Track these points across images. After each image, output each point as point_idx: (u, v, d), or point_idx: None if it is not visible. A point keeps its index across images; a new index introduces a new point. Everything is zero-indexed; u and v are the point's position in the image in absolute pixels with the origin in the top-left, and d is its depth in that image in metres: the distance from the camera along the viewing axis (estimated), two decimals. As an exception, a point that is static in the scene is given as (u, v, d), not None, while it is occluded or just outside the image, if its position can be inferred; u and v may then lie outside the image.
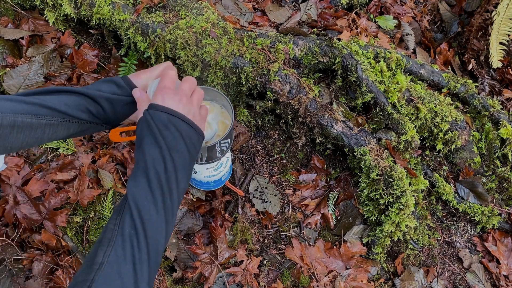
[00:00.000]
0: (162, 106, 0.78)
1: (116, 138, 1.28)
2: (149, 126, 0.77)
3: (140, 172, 0.73)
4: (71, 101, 0.83)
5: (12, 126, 0.73)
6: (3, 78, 1.45)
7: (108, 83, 0.90)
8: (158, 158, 0.74)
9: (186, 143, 0.78)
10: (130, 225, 0.66)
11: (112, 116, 0.91)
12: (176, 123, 0.78)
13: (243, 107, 1.57)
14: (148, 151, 0.75)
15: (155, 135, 0.75)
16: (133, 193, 0.70)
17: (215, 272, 1.38)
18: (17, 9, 1.57)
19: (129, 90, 0.91)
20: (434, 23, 2.02)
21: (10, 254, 1.30)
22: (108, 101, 0.88)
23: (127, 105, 0.92)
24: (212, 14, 1.44)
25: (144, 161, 0.74)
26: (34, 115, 0.77)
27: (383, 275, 1.50)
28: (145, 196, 0.70)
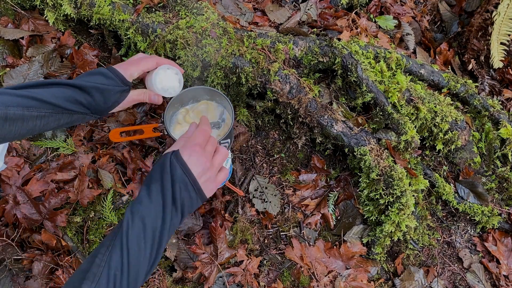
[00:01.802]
0: (186, 166, 0.80)
1: (116, 138, 1.28)
2: (164, 175, 0.78)
3: (139, 215, 0.74)
4: (61, 93, 0.85)
5: (4, 118, 0.76)
6: (3, 78, 1.45)
7: (95, 75, 0.92)
8: (159, 212, 0.75)
9: (187, 211, 0.81)
10: (116, 266, 0.68)
11: (103, 105, 0.93)
12: (189, 189, 0.80)
13: (243, 107, 1.57)
14: (154, 199, 0.76)
15: (165, 188, 0.77)
16: (127, 233, 0.71)
17: (215, 272, 1.38)
18: (17, 9, 1.57)
19: (118, 81, 0.94)
20: (434, 23, 2.02)
21: (10, 254, 1.30)
22: (98, 91, 0.90)
23: (116, 94, 0.95)
24: (212, 14, 1.44)
25: (147, 207, 0.75)
26: (25, 107, 0.79)
27: (383, 275, 1.50)
28: (137, 242, 0.71)
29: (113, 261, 0.68)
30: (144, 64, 1.01)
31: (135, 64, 0.99)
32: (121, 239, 0.70)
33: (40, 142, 1.47)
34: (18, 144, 1.45)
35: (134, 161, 1.46)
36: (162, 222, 0.75)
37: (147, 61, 1.02)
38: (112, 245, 0.70)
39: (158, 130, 1.38)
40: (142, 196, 0.76)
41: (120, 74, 0.95)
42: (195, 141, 0.85)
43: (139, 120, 1.55)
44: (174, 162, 0.79)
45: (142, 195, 0.77)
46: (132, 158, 1.47)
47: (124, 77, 0.95)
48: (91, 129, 1.52)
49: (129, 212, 0.74)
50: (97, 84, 0.90)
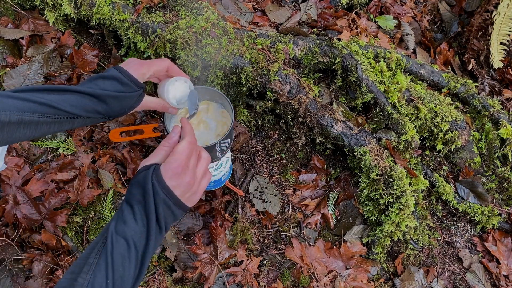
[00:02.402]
0: (168, 190, 0.78)
1: (116, 138, 1.28)
2: (147, 197, 0.77)
3: (124, 235, 0.73)
4: (78, 102, 0.85)
5: (19, 123, 0.76)
6: (3, 78, 1.45)
7: (110, 81, 0.90)
8: (144, 233, 0.75)
9: (170, 225, 0.81)
10: (101, 285, 0.67)
11: (118, 111, 0.93)
12: (172, 209, 0.79)
13: (243, 107, 1.57)
14: (138, 220, 0.75)
15: (148, 210, 0.76)
16: (112, 253, 0.70)
17: (215, 272, 1.38)
18: (17, 9, 1.57)
19: (134, 86, 0.93)
20: (434, 23, 2.02)
21: (10, 254, 1.30)
22: (115, 99, 0.90)
23: (133, 100, 0.95)
24: (212, 14, 1.44)
25: (132, 228, 0.74)
26: (41, 114, 0.79)
27: (383, 275, 1.50)
28: (121, 263, 0.71)
29: (97, 281, 0.67)
30: (156, 65, 0.99)
31: (147, 65, 0.97)
32: (106, 259, 0.69)
33: (40, 142, 1.47)
34: (18, 144, 1.45)
35: (134, 161, 1.46)
36: (146, 241, 0.75)
37: (159, 64, 1.00)
38: (96, 264, 0.69)
39: (158, 130, 1.38)
40: (126, 216, 0.75)
41: (134, 78, 0.93)
42: (178, 161, 0.81)
43: (139, 120, 1.55)
44: (156, 185, 0.77)
45: (126, 215, 0.75)
46: (132, 158, 1.47)
47: (137, 80, 0.94)
48: (91, 129, 1.52)
49: (114, 232, 0.73)
50: (114, 93, 0.89)
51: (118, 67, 0.93)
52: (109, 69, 0.93)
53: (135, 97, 0.95)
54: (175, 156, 0.81)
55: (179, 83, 1.06)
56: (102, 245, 0.72)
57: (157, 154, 0.85)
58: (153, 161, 0.83)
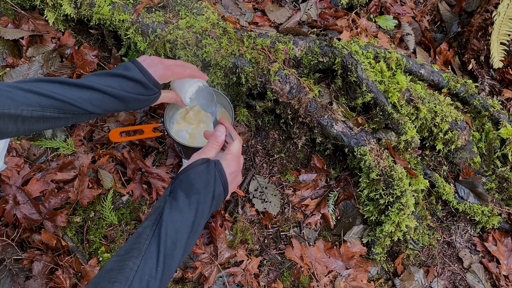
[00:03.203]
0: (227, 184, 0.85)
1: (116, 138, 1.28)
2: (208, 188, 0.81)
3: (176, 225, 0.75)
4: (99, 102, 0.86)
5: (40, 118, 0.78)
6: (3, 78, 1.45)
7: (133, 83, 0.92)
8: (193, 222, 0.77)
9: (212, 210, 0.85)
10: (150, 272, 0.68)
11: (135, 108, 0.97)
12: (221, 201, 0.86)
13: (243, 107, 1.57)
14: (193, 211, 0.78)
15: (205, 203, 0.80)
16: (165, 242, 0.72)
17: (215, 272, 1.38)
18: (17, 9, 1.57)
19: (154, 89, 0.96)
20: (434, 23, 2.02)
21: (10, 254, 1.30)
22: (136, 101, 0.93)
23: (151, 99, 0.98)
24: (212, 14, 1.44)
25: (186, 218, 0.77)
26: (62, 110, 0.81)
27: (383, 275, 1.50)
28: (171, 252, 0.73)
29: (147, 267, 0.68)
30: (179, 72, 1.03)
31: (171, 70, 0.99)
32: (157, 246, 0.71)
33: (40, 142, 1.47)
34: (18, 144, 1.45)
35: (134, 161, 1.46)
36: (196, 231, 0.78)
37: (183, 71, 1.04)
38: (146, 250, 0.70)
39: (158, 130, 1.38)
40: (181, 205, 0.77)
41: (156, 82, 0.95)
42: (235, 160, 0.89)
43: (139, 120, 1.55)
44: (218, 178, 0.83)
45: (181, 203, 0.77)
46: (132, 158, 1.47)
47: (158, 83, 0.96)
48: (91, 129, 1.52)
49: (169, 221, 0.74)
50: (137, 96, 0.92)
51: (141, 67, 0.94)
52: (129, 66, 0.93)
53: (153, 98, 0.99)
54: (233, 155, 0.89)
55: (196, 85, 1.10)
56: (152, 231, 0.73)
57: (208, 151, 0.91)
58: (205, 156, 0.88)
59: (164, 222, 0.73)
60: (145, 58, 0.97)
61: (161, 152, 1.54)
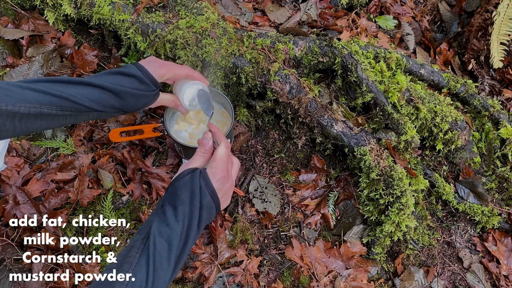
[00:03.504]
0: (215, 193, 0.83)
1: (116, 138, 1.28)
2: (193, 199, 0.80)
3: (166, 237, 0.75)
4: (96, 96, 0.86)
5: (38, 115, 0.78)
6: (3, 78, 1.45)
7: (129, 77, 0.92)
8: (184, 235, 0.77)
9: (202, 228, 0.84)
10: (140, 285, 0.69)
11: (133, 107, 0.95)
12: (213, 212, 0.83)
13: (243, 107, 1.57)
14: (180, 223, 0.77)
15: (193, 213, 0.79)
16: (154, 255, 0.72)
17: (215, 272, 1.38)
18: (17, 9, 1.57)
19: (152, 85, 0.95)
20: (434, 23, 2.02)
21: (10, 254, 1.30)
22: (132, 96, 0.92)
23: (149, 98, 0.97)
24: (212, 14, 1.44)
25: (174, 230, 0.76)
26: (59, 107, 0.81)
27: (383, 275, 1.50)
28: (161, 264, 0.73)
29: (138, 280, 0.69)
30: (176, 70, 1.02)
31: (167, 67, 1.00)
32: (147, 260, 0.71)
33: (40, 142, 1.47)
34: (18, 144, 1.45)
35: (134, 161, 1.46)
36: (185, 242, 0.77)
37: (179, 69, 1.03)
38: (136, 263, 0.71)
39: (158, 130, 1.38)
40: (169, 218, 0.77)
41: (153, 78, 0.95)
42: (222, 166, 0.86)
43: (139, 120, 1.55)
44: (203, 187, 0.81)
45: (168, 216, 0.77)
46: (132, 158, 1.47)
47: (155, 79, 0.96)
48: (91, 129, 1.52)
49: (157, 234, 0.74)
50: (132, 90, 0.91)
51: (138, 65, 0.95)
52: (128, 65, 0.95)
53: (151, 96, 0.98)
54: (218, 161, 0.87)
55: (196, 88, 1.09)
56: (142, 244, 0.73)
57: (196, 160, 0.89)
58: (193, 165, 0.87)
59: (152, 235, 0.74)
60: (143, 60, 0.99)
61: (161, 152, 1.54)
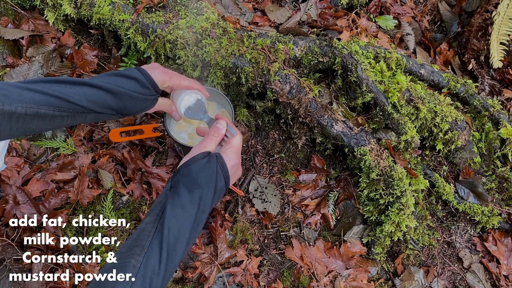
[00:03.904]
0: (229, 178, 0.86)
1: (116, 138, 1.28)
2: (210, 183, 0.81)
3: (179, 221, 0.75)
4: (94, 96, 0.85)
5: (35, 115, 0.77)
6: (3, 78, 1.45)
7: (130, 80, 0.91)
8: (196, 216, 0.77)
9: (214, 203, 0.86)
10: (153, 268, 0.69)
11: (131, 110, 0.94)
12: (222, 192, 0.85)
13: (243, 107, 1.57)
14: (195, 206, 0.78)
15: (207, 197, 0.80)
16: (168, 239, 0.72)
17: (215, 272, 1.38)
18: (17, 9, 1.57)
19: (152, 90, 0.95)
20: (434, 23, 2.02)
21: (10, 254, 1.30)
22: (131, 98, 0.91)
23: (147, 102, 0.96)
24: (212, 14, 1.44)
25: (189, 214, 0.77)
26: (56, 107, 0.80)
27: (383, 275, 1.50)
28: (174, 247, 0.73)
29: (150, 264, 0.68)
30: (177, 80, 1.02)
31: (169, 75, 0.99)
32: (160, 243, 0.71)
33: (40, 142, 1.47)
34: (18, 144, 1.45)
35: (134, 161, 1.46)
36: (197, 226, 0.78)
37: (182, 80, 1.03)
38: (149, 246, 0.70)
39: (158, 130, 1.38)
40: (184, 200, 0.77)
41: (154, 82, 0.95)
42: (237, 154, 0.89)
43: (139, 120, 1.55)
44: (220, 171, 0.83)
45: (184, 199, 0.77)
46: (132, 158, 1.47)
47: (156, 84, 0.96)
48: (91, 129, 1.52)
49: (171, 217, 0.74)
50: (132, 92, 0.90)
51: (141, 69, 0.94)
52: (130, 68, 0.94)
53: (150, 101, 0.97)
54: (234, 148, 0.89)
55: (194, 97, 1.10)
56: (153, 227, 0.73)
57: (208, 144, 0.90)
58: (205, 149, 0.88)
59: (166, 218, 0.73)
60: (146, 65, 0.99)
61: (161, 152, 1.54)
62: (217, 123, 0.95)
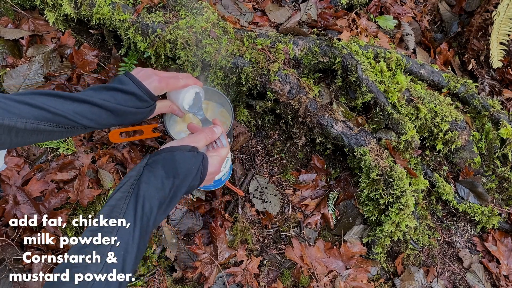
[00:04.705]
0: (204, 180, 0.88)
1: (116, 139, 1.28)
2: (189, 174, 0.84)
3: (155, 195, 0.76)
4: (94, 115, 0.86)
5: (34, 131, 0.77)
6: (3, 78, 1.45)
7: (129, 96, 0.91)
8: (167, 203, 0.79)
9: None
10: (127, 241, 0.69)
11: (131, 121, 0.96)
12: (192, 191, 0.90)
13: (243, 107, 1.57)
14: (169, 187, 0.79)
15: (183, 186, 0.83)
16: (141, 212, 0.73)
17: (215, 272, 1.37)
18: (17, 9, 1.57)
19: (151, 101, 0.95)
20: (434, 23, 2.02)
21: (10, 254, 1.30)
22: (131, 114, 0.92)
23: (145, 113, 0.97)
24: (212, 14, 1.44)
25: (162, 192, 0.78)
26: (56, 124, 0.80)
27: (383, 275, 1.50)
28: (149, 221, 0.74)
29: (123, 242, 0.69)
30: (174, 83, 1.01)
31: (166, 81, 0.98)
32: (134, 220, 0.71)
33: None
34: (18, 144, 1.45)
35: (134, 161, 1.46)
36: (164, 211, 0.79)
37: (178, 82, 1.02)
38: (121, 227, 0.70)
39: (158, 130, 1.38)
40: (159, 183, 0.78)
41: (151, 94, 0.94)
42: (220, 163, 0.92)
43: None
44: (199, 172, 0.85)
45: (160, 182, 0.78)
46: (132, 158, 1.47)
47: (154, 95, 0.95)
48: (91, 129, 1.52)
49: (146, 196, 0.75)
50: (131, 109, 0.91)
51: (136, 80, 0.93)
52: (125, 80, 0.92)
53: (149, 110, 0.97)
54: (219, 158, 0.93)
55: (193, 91, 1.09)
56: (125, 204, 0.73)
57: (200, 140, 0.92)
58: (195, 144, 0.90)
59: (140, 197, 0.74)
60: (139, 71, 0.97)
61: (161, 152, 1.54)
62: (215, 127, 0.97)
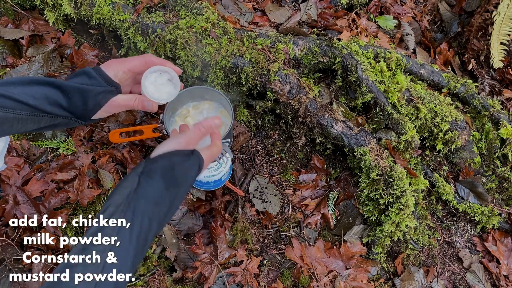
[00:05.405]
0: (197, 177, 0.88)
1: (116, 139, 1.28)
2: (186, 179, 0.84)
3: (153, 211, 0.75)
4: (40, 93, 0.78)
5: None
6: (3, 78, 1.45)
7: (79, 76, 0.85)
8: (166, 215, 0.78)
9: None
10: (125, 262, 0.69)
11: (83, 108, 0.84)
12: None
13: (243, 107, 1.57)
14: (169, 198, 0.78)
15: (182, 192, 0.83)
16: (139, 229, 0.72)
17: (215, 272, 1.38)
18: (17, 9, 1.57)
19: (101, 81, 0.86)
20: (434, 23, 2.02)
21: (10, 254, 1.30)
22: (77, 92, 0.82)
23: (98, 96, 0.86)
24: (212, 14, 1.44)
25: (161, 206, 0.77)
26: (1, 107, 0.73)
27: (383, 275, 1.50)
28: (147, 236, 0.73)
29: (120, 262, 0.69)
30: (130, 62, 0.90)
31: (120, 62, 0.89)
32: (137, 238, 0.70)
33: (40, 142, 1.47)
34: (18, 144, 1.45)
35: (134, 161, 1.46)
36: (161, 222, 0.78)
37: (133, 59, 0.91)
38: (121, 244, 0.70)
39: (158, 130, 1.38)
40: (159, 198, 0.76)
41: (103, 73, 0.86)
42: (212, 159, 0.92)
43: (139, 120, 1.55)
44: (195, 175, 0.85)
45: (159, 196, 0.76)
46: (132, 158, 1.47)
47: (108, 76, 0.86)
48: (91, 129, 1.52)
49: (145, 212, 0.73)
50: (77, 84, 0.82)
51: (95, 66, 0.88)
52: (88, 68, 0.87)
53: (100, 92, 0.85)
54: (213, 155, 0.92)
55: (164, 75, 0.95)
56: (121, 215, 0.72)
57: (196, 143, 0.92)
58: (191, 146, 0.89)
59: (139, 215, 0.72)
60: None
61: (161, 152, 1.54)
62: (215, 138, 0.95)
